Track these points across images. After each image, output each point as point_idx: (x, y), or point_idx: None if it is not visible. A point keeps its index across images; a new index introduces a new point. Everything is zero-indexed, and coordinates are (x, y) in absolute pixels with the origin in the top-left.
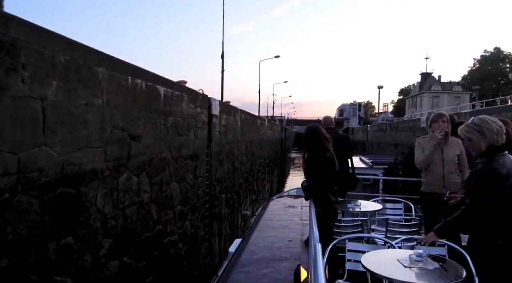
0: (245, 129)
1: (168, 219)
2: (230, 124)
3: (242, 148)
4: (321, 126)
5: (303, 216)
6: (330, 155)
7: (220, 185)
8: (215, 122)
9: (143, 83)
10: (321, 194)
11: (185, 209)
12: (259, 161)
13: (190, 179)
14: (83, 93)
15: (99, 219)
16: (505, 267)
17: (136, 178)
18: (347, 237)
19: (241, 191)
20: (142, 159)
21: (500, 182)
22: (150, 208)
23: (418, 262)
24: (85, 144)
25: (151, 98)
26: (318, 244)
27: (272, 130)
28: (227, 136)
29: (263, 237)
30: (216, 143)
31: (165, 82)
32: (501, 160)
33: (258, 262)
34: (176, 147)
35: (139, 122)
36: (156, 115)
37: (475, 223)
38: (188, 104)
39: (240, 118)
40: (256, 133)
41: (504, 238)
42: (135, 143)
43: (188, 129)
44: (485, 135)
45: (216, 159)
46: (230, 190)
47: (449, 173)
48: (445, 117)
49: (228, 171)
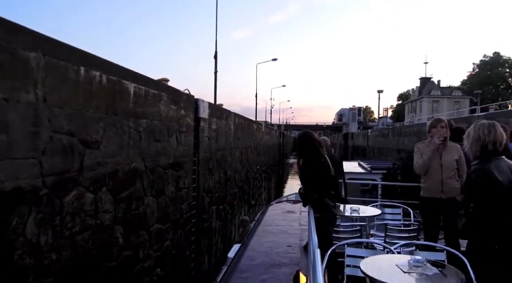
0: (239, 134)
1: (141, 242)
2: (222, 129)
3: (236, 155)
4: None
5: (302, 221)
6: (324, 160)
7: (210, 196)
8: (203, 127)
9: (103, 77)
10: (318, 199)
11: (164, 227)
12: (255, 167)
13: (172, 191)
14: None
15: (30, 253)
16: (503, 271)
17: (92, 195)
18: (346, 242)
19: (235, 201)
20: (102, 170)
21: (493, 183)
22: (114, 231)
23: (417, 267)
24: (3, 155)
25: (115, 96)
26: (317, 249)
27: (270, 135)
28: (219, 142)
29: (262, 242)
30: (204, 150)
31: (137, 78)
32: (496, 162)
33: (257, 268)
34: (151, 155)
35: (98, 126)
36: (124, 117)
37: (475, 225)
38: (168, 105)
39: (233, 123)
40: (252, 139)
41: (500, 242)
42: (91, 151)
43: (169, 134)
44: (479, 139)
45: (205, 167)
46: (222, 201)
47: (447, 178)
48: (444, 123)
49: (220, 180)
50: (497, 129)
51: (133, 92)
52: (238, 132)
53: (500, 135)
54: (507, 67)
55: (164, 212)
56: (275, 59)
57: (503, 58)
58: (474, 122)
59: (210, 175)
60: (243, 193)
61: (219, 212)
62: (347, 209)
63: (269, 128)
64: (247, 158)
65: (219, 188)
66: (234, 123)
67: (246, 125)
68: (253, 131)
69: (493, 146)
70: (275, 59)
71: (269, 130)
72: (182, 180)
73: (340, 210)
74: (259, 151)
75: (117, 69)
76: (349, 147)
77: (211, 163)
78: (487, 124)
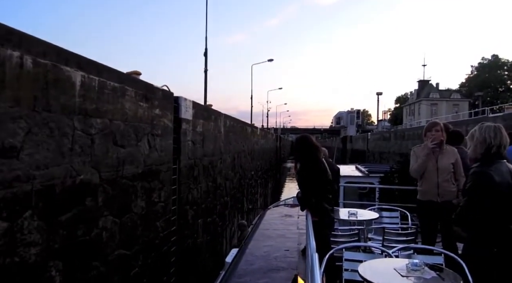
0: (231, 138)
1: (92, 277)
2: (210, 132)
3: (227, 160)
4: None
5: (300, 225)
6: (322, 164)
7: (195, 208)
8: (186, 129)
9: (26, 59)
10: (316, 203)
11: (130, 253)
12: (249, 173)
13: (141, 207)
14: None
15: None
16: (502, 275)
17: (6, 224)
18: (344, 246)
19: (227, 211)
20: (25, 187)
21: (492, 186)
22: (46, 269)
23: (415, 271)
24: None
25: (49, 86)
26: (315, 253)
27: (266, 139)
28: (206, 147)
29: (260, 246)
30: (188, 156)
31: (86, 65)
32: (496, 166)
33: (255, 272)
34: (111, 164)
35: (15, 126)
36: (64, 114)
37: (472, 227)
38: (137, 102)
39: (224, 125)
40: (246, 143)
41: (499, 245)
42: (5, 161)
43: (137, 137)
44: (485, 141)
45: (188, 175)
46: (211, 213)
47: (443, 181)
48: (439, 126)
49: (208, 189)
50: (502, 133)
51: (80, 83)
52: (230, 136)
53: (505, 139)
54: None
55: (131, 234)
56: (271, 60)
57: (502, 61)
58: (479, 124)
59: (195, 184)
60: (236, 201)
61: (207, 226)
62: (345, 213)
63: (265, 131)
64: (241, 164)
65: (207, 198)
66: (224, 126)
67: (239, 128)
68: (247, 134)
69: (497, 149)
70: (271, 60)
71: (265, 134)
72: (157, 192)
73: (338, 214)
74: (254, 156)
75: (53, 50)
76: (347, 151)
77: (197, 170)
78: (493, 127)
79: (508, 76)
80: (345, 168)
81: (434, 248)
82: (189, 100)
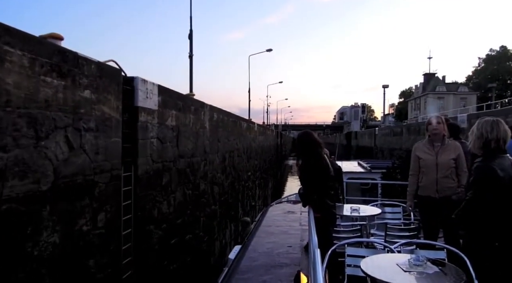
0: (219, 134)
1: None
2: (189, 127)
3: (215, 161)
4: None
5: (302, 222)
6: (323, 160)
7: (165, 226)
8: (146, 122)
9: None
10: (318, 199)
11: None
12: (245, 174)
13: (52, 244)
14: None
15: None
16: (505, 269)
17: None
18: (347, 242)
19: (215, 222)
20: None
21: (495, 181)
22: None
23: (417, 266)
24: None
25: None
26: (317, 249)
27: (265, 135)
28: (182, 146)
29: (263, 243)
30: (151, 158)
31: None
32: (499, 160)
33: (258, 269)
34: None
35: None
36: None
37: (473, 221)
38: (36, 76)
39: (210, 119)
40: (241, 140)
41: (501, 239)
42: None
43: (39, 133)
44: (482, 136)
45: (152, 185)
46: (191, 228)
47: (442, 177)
48: (440, 119)
49: (186, 199)
50: (500, 127)
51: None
52: (219, 132)
53: (504, 132)
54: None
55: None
56: (269, 50)
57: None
58: (479, 119)
59: (164, 195)
60: (228, 208)
61: (184, 245)
62: (347, 209)
63: (263, 127)
64: (234, 164)
65: (184, 211)
66: (211, 120)
67: (232, 123)
68: (242, 131)
69: (496, 143)
70: (269, 50)
71: (264, 130)
72: (89, 215)
73: (340, 209)
74: (251, 154)
75: None
76: (352, 148)
77: (167, 176)
78: (490, 121)
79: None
80: (347, 164)
81: (436, 243)
82: (151, 82)
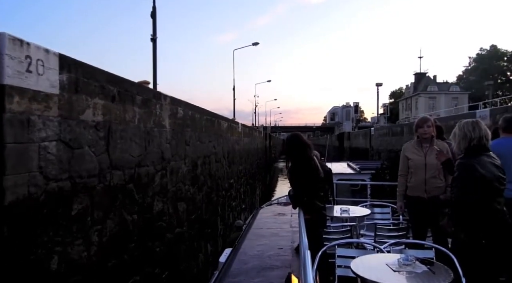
0: (187, 135)
1: None
2: (130, 125)
3: (181, 170)
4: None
5: (293, 223)
6: (313, 162)
7: (78, 279)
8: (27, 113)
9: None
10: (308, 201)
11: None
12: (226, 182)
13: None
14: None
15: None
16: (491, 266)
17: None
18: (337, 243)
19: (182, 248)
20: None
21: (476, 178)
22: None
23: (406, 265)
24: None
25: None
26: (307, 251)
27: (251, 137)
28: (119, 151)
29: (254, 245)
30: (46, 173)
31: None
32: (480, 158)
33: (249, 272)
34: None
35: None
36: None
37: (460, 220)
38: None
39: (172, 115)
40: (220, 142)
41: (486, 237)
42: None
43: None
44: (466, 136)
45: (49, 215)
46: (135, 270)
47: (431, 177)
48: (430, 122)
49: (127, 228)
50: (481, 126)
51: None
52: (186, 133)
53: (484, 131)
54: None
55: None
56: (255, 43)
57: (501, 51)
58: (458, 122)
59: (76, 232)
60: (202, 227)
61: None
62: (337, 210)
63: (249, 128)
64: (210, 172)
65: (125, 245)
66: (173, 117)
67: (207, 122)
68: (221, 131)
69: (478, 141)
70: (255, 43)
71: (250, 131)
72: None
73: (330, 211)
74: (234, 159)
75: None
76: (345, 150)
77: (83, 200)
78: (470, 122)
79: (507, 67)
80: (337, 165)
81: (424, 242)
82: (42, 48)
